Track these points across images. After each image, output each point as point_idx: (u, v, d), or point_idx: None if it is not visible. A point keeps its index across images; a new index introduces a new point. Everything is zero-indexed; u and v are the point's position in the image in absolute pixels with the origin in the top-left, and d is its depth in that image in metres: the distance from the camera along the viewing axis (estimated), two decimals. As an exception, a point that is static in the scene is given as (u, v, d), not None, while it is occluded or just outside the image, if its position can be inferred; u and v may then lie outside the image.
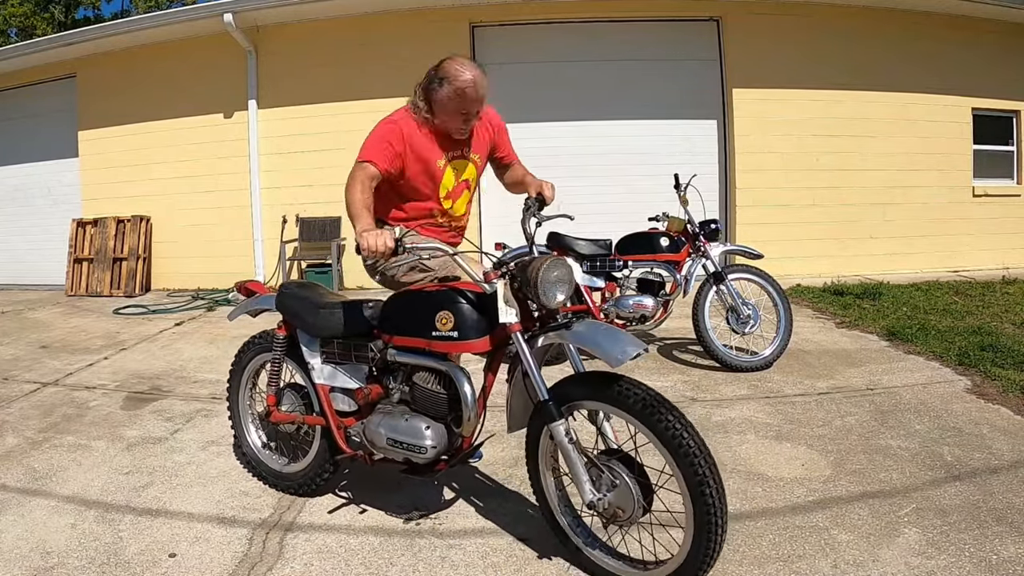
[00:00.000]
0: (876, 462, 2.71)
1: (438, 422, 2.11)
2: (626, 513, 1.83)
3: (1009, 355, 3.97)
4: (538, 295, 1.90)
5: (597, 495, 1.84)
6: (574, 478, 1.87)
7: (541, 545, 2.15)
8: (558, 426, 1.88)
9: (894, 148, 7.56)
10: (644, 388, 1.80)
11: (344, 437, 2.36)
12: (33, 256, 8.55)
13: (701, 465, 1.68)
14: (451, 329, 2.01)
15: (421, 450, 2.09)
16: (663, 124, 7.50)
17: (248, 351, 2.71)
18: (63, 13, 19.86)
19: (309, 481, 2.51)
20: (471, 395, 2.03)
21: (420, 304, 2.12)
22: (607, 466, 1.86)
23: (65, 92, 8.19)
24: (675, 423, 1.72)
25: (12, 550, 2.21)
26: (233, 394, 2.78)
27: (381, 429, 2.18)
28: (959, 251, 7.77)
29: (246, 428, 2.75)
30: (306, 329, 2.43)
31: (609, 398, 1.83)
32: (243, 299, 2.84)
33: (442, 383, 2.11)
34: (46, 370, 4.49)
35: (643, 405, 1.75)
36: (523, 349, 1.94)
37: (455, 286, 2.12)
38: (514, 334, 1.95)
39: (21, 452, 3.06)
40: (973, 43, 7.64)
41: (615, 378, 1.83)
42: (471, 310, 2.02)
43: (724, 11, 7.34)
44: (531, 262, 1.94)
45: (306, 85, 7.49)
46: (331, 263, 7.25)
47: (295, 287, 2.55)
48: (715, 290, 4.08)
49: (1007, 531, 2.15)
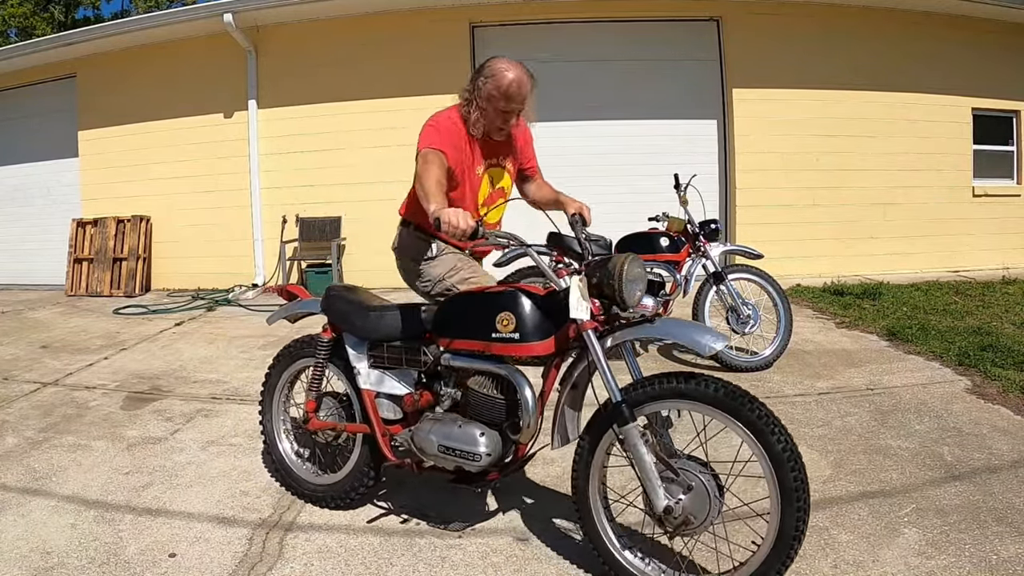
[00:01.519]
0: (876, 462, 2.71)
1: (493, 429, 2.03)
2: (698, 519, 1.75)
3: (1009, 355, 3.97)
4: (621, 291, 1.84)
5: (672, 499, 1.76)
6: (646, 483, 1.79)
7: (541, 545, 2.15)
8: (632, 428, 1.79)
9: (894, 148, 7.56)
10: (725, 382, 1.76)
11: (389, 444, 2.28)
12: (33, 256, 8.55)
13: (786, 438, 1.68)
14: (512, 331, 1.94)
15: (476, 457, 2.01)
16: (663, 124, 7.50)
17: (287, 356, 2.60)
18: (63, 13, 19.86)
19: (345, 493, 2.41)
20: (532, 400, 1.95)
21: (480, 305, 2.04)
22: (682, 468, 1.79)
23: (65, 92, 8.19)
24: (758, 406, 1.70)
25: (12, 550, 2.21)
26: (267, 400, 2.66)
27: (432, 436, 2.10)
28: (959, 251, 7.77)
29: (278, 436, 2.64)
30: (355, 332, 2.35)
31: (694, 394, 1.77)
32: (283, 302, 2.75)
33: (499, 388, 2.03)
34: (46, 370, 4.49)
35: (725, 394, 1.72)
36: (595, 347, 1.86)
37: (515, 287, 2.05)
38: (586, 332, 1.87)
39: (21, 452, 3.06)
40: (973, 43, 7.63)
41: (690, 375, 1.79)
42: (534, 310, 1.95)
43: (724, 11, 7.34)
44: (610, 259, 1.89)
45: (306, 85, 7.49)
46: (331, 263, 7.25)
47: (342, 289, 2.48)
48: (715, 290, 4.08)
49: (1007, 531, 2.15)
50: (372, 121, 7.37)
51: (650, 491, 1.78)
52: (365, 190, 7.42)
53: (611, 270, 1.85)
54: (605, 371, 1.85)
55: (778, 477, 1.67)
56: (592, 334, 1.87)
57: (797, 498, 1.66)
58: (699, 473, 1.77)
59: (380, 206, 7.43)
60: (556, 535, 2.24)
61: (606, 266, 1.87)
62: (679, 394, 1.79)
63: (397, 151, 7.39)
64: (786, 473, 1.66)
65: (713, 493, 1.75)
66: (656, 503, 1.77)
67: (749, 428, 1.70)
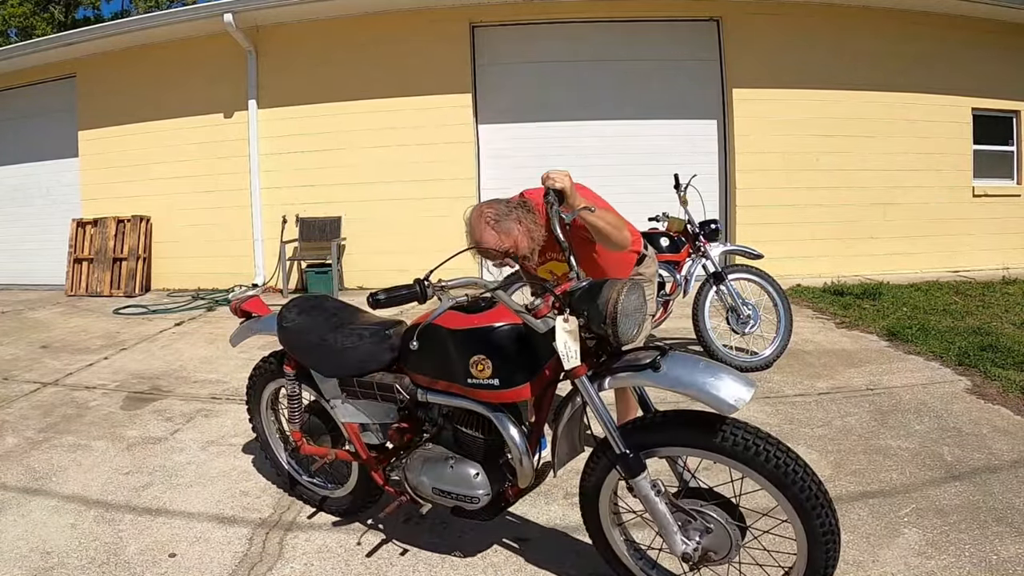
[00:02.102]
0: (876, 462, 2.70)
1: (486, 466, 1.88)
2: (720, 554, 1.65)
3: (1009, 355, 3.97)
4: (616, 332, 1.59)
5: (691, 544, 1.63)
6: (662, 531, 1.65)
7: (541, 545, 2.15)
8: (642, 480, 1.62)
9: (894, 148, 7.56)
10: (753, 430, 1.55)
11: (384, 476, 2.12)
12: (33, 256, 8.55)
13: (822, 510, 1.51)
14: (490, 376, 1.72)
15: (473, 500, 1.86)
16: (663, 124, 7.50)
17: (260, 379, 2.46)
18: (63, 13, 19.85)
19: (356, 508, 2.33)
20: (522, 442, 1.76)
21: (448, 345, 1.80)
22: (696, 510, 1.65)
23: (65, 92, 8.19)
24: (811, 483, 1.51)
25: (12, 550, 2.21)
26: (256, 422, 2.56)
27: (424, 478, 1.95)
28: (959, 251, 7.76)
29: (278, 453, 2.55)
30: (317, 369, 2.14)
31: (712, 446, 1.56)
32: (240, 321, 2.52)
33: (486, 428, 1.85)
34: (46, 370, 4.49)
35: (767, 459, 1.52)
36: (592, 397, 1.65)
37: (486, 320, 1.78)
38: (579, 380, 1.65)
39: (21, 452, 3.06)
40: (973, 43, 7.63)
41: (711, 420, 1.57)
42: (512, 350, 1.71)
43: (724, 11, 7.34)
44: (599, 289, 1.62)
45: (306, 85, 7.49)
46: (331, 263, 7.25)
47: (296, 315, 2.19)
48: (715, 290, 4.08)
49: (1007, 531, 2.15)
50: (372, 121, 7.37)
51: (667, 538, 1.65)
52: (365, 190, 7.42)
53: (602, 309, 1.58)
54: (605, 419, 1.64)
55: (805, 526, 1.52)
56: (586, 381, 1.65)
57: (826, 541, 1.52)
58: (716, 514, 1.63)
59: (380, 206, 7.46)
60: (556, 535, 2.24)
61: (596, 302, 1.60)
62: (698, 445, 1.59)
63: (397, 151, 7.40)
64: (812, 522, 1.50)
65: (732, 530, 1.62)
66: (675, 550, 1.63)
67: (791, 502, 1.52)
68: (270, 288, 7.58)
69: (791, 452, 1.54)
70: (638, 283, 1.66)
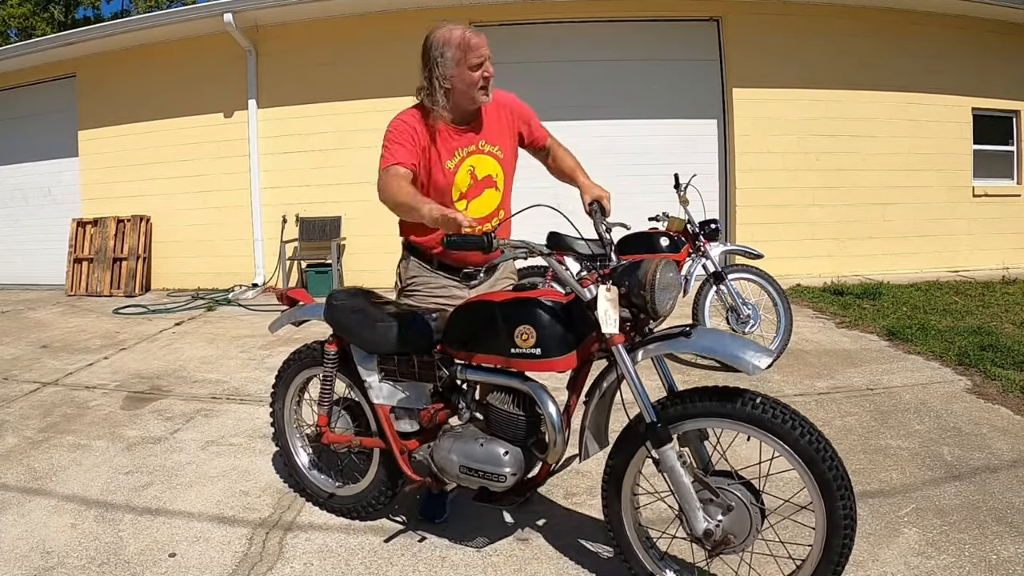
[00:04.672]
0: (876, 462, 2.71)
1: (516, 446, 1.92)
2: (739, 538, 1.68)
3: (1009, 355, 3.97)
4: (653, 301, 1.71)
5: (712, 522, 1.68)
6: (684, 505, 1.70)
7: (541, 545, 2.15)
8: (668, 450, 1.70)
9: (894, 148, 7.56)
10: (773, 401, 1.63)
11: (408, 461, 2.16)
12: (33, 256, 8.55)
13: (846, 492, 1.57)
14: (533, 346, 1.80)
15: (500, 478, 1.90)
16: (663, 124, 7.50)
17: (293, 364, 2.48)
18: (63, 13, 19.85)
19: (366, 505, 2.33)
20: (557, 417, 1.84)
21: (495, 317, 1.89)
22: (721, 488, 1.69)
23: (65, 92, 8.19)
24: (818, 442, 1.58)
25: (12, 550, 2.21)
26: (278, 410, 2.56)
27: (453, 456, 1.99)
28: (959, 251, 7.76)
29: (293, 447, 2.54)
30: (361, 345, 2.19)
31: (738, 415, 1.63)
32: (285, 308, 2.60)
33: (521, 404, 1.92)
34: (46, 370, 4.49)
35: (779, 420, 1.60)
36: (627, 364, 1.74)
37: (532, 295, 1.92)
38: (615, 347, 1.74)
39: (21, 452, 3.06)
40: (973, 43, 7.63)
41: (736, 393, 1.66)
42: (555, 323, 1.81)
43: (724, 11, 7.34)
44: (639, 264, 1.75)
45: (306, 85, 7.49)
46: (331, 263, 7.25)
47: (345, 296, 2.29)
48: (715, 290, 4.08)
49: (1007, 531, 2.15)
50: (372, 121, 7.32)
51: (689, 514, 1.70)
52: (365, 190, 7.33)
53: (641, 278, 1.71)
54: (638, 388, 1.73)
55: (827, 508, 1.58)
56: (622, 349, 1.75)
57: (845, 527, 1.58)
58: (736, 491, 1.68)
59: (380, 206, 7.41)
60: (556, 535, 2.24)
61: (635, 273, 1.73)
62: (721, 413, 1.67)
63: (397, 151, 7.40)
64: (835, 504, 1.56)
65: (754, 513, 1.66)
66: (696, 527, 1.68)
67: (800, 455, 1.58)
68: (270, 288, 7.58)
69: (823, 434, 1.60)
70: (672, 262, 1.78)
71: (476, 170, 2.21)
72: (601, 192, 2.21)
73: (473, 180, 2.21)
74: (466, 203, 2.22)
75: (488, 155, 2.24)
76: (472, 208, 2.21)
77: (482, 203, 2.24)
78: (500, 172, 2.26)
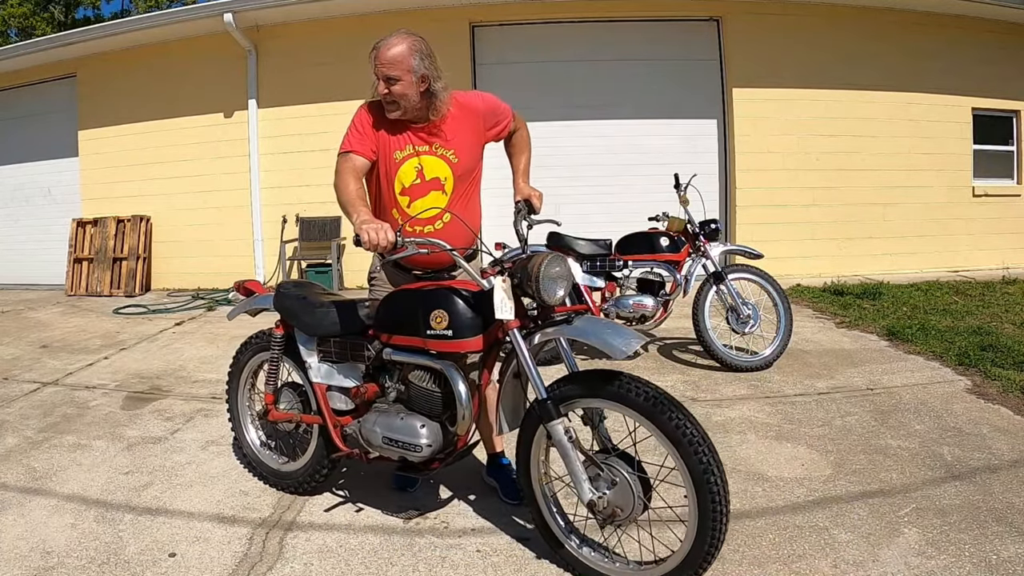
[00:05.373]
0: (876, 462, 2.71)
1: (433, 420, 2.12)
2: (625, 511, 1.82)
3: (1009, 355, 3.97)
4: (539, 290, 1.90)
5: (596, 494, 1.84)
6: (572, 477, 1.86)
7: (541, 545, 2.15)
8: (556, 425, 1.87)
9: (894, 148, 7.56)
10: (644, 383, 1.79)
11: (341, 435, 2.37)
12: (33, 256, 8.55)
13: (705, 454, 1.68)
14: (446, 328, 2.01)
15: (416, 448, 2.09)
16: (663, 124, 7.50)
17: (246, 350, 2.74)
18: (63, 13, 19.86)
19: (307, 479, 2.52)
20: (465, 393, 2.03)
21: (415, 303, 2.11)
22: (606, 464, 1.86)
23: (65, 92, 8.19)
24: (678, 416, 1.72)
25: (12, 550, 2.21)
26: (232, 394, 2.80)
27: (377, 428, 2.19)
28: (959, 251, 7.77)
29: (245, 427, 2.77)
30: (303, 328, 2.44)
31: (610, 395, 1.81)
32: (242, 299, 2.88)
33: (437, 382, 2.10)
34: (46, 370, 4.49)
35: (645, 399, 1.75)
36: (520, 346, 1.94)
37: (450, 284, 2.13)
38: (511, 331, 1.95)
39: (21, 452, 3.06)
40: (973, 43, 7.63)
41: (614, 375, 1.82)
42: (466, 308, 2.02)
43: (724, 11, 7.34)
44: (531, 258, 1.94)
45: (306, 85, 7.48)
46: (331, 263, 7.25)
47: (292, 286, 2.57)
48: (715, 290, 4.08)
49: (1007, 531, 2.15)
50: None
51: (576, 484, 1.86)
52: (365, 190, 7.41)
53: (530, 271, 1.91)
54: (530, 368, 1.92)
55: (697, 495, 1.70)
56: (517, 333, 1.95)
57: (714, 511, 1.68)
58: (623, 470, 1.83)
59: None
60: (556, 535, 2.24)
61: (526, 266, 1.93)
62: (600, 395, 1.84)
63: (397, 151, 7.40)
64: (704, 492, 1.68)
65: (637, 490, 1.81)
66: (582, 496, 1.85)
67: (669, 438, 1.72)
68: (269, 288, 7.58)
69: (690, 418, 1.73)
70: (563, 256, 1.99)
71: (424, 169, 2.28)
72: (532, 192, 2.39)
73: (420, 179, 2.28)
74: (409, 200, 2.29)
75: (440, 158, 2.29)
76: (415, 207, 2.28)
77: (425, 203, 2.29)
78: (450, 176, 2.30)
